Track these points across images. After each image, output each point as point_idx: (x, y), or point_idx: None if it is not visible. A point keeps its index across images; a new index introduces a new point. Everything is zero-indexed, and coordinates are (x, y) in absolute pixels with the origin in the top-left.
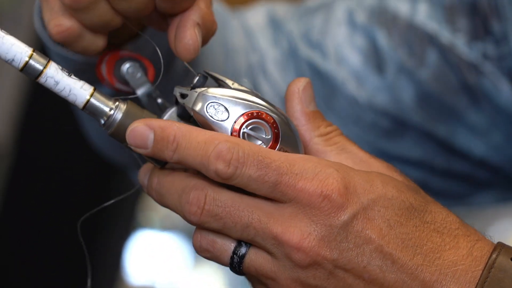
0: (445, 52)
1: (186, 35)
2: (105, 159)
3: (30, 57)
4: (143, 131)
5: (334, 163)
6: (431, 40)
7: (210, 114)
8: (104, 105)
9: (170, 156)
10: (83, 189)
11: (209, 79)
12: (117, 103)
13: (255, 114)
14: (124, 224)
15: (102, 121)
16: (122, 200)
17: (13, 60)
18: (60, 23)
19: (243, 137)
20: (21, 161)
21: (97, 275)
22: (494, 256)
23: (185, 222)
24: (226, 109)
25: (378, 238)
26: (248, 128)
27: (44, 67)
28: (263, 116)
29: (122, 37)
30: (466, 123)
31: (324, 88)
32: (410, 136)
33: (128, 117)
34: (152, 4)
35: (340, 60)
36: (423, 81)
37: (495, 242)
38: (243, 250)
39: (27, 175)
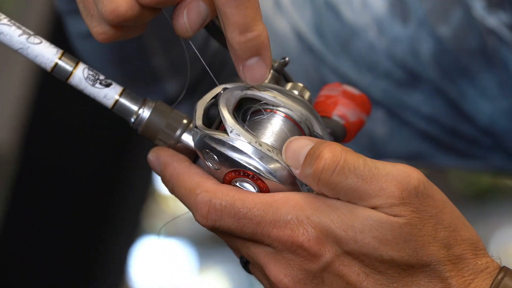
0: (469, 13)
1: (175, 16)
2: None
3: (54, 67)
4: (155, 163)
5: (311, 206)
6: None
7: (206, 160)
8: (133, 104)
9: (170, 192)
10: (87, 193)
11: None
12: (146, 102)
13: (241, 173)
14: (128, 230)
15: (132, 120)
16: (126, 206)
17: (40, 65)
18: (104, 31)
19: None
20: (26, 166)
21: (102, 281)
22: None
23: (189, 229)
24: (219, 161)
25: (356, 283)
26: (237, 183)
27: (67, 78)
28: (250, 176)
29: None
30: (477, 85)
31: (343, 31)
32: (422, 91)
33: (156, 116)
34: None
35: (365, 5)
36: (443, 37)
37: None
38: (245, 259)
39: (31, 180)
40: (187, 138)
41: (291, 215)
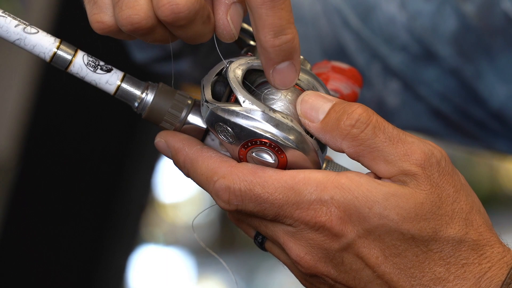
0: None
1: (219, 24)
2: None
3: (53, 56)
4: (164, 148)
5: (334, 184)
6: None
7: (219, 134)
8: (136, 89)
9: (186, 176)
10: (86, 202)
11: None
12: (148, 85)
13: (258, 143)
14: (127, 239)
15: (136, 104)
16: (126, 215)
17: (38, 55)
18: (101, 20)
19: (250, 160)
20: (24, 174)
21: None
22: (507, 284)
23: (188, 238)
24: (233, 133)
25: (374, 265)
26: (253, 153)
27: (67, 67)
28: (267, 144)
29: None
30: (496, 66)
31: (364, 1)
32: (437, 68)
33: (161, 97)
34: (211, 32)
35: None
36: (467, 14)
37: None
38: (261, 237)
39: (30, 188)
40: (193, 119)
41: (314, 195)
